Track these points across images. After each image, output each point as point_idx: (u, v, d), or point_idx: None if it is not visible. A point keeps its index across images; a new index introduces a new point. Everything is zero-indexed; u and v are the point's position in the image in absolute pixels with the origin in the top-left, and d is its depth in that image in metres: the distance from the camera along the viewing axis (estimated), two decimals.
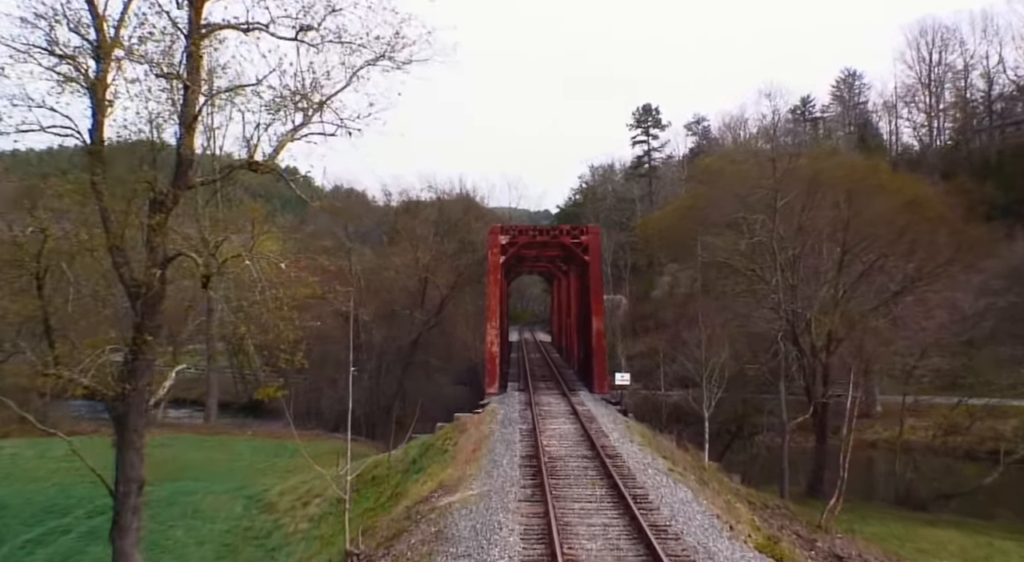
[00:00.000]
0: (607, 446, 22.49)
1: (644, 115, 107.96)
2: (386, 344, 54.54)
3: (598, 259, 40.60)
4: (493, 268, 40.19)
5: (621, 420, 30.38)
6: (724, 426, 41.71)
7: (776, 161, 35.07)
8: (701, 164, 71.69)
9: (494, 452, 22.97)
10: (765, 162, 36.62)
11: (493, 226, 42.49)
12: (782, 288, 33.94)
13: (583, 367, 44.83)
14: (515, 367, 50.09)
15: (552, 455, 21.08)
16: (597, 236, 40.83)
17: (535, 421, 26.50)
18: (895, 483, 37.23)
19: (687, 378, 55.87)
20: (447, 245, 56.24)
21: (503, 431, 26.26)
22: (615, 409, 33.45)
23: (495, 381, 37.80)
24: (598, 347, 38.32)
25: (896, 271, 36.41)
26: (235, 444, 46.63)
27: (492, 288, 39.87)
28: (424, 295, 55.62)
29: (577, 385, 40.33)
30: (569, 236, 40.46)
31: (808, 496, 37.19)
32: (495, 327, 39.15)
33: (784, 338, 33.58)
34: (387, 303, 55.38)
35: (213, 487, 34.83)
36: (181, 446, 46.24)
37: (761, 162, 38.77)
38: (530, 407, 30.51)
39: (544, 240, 40.90)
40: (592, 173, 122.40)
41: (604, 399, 35.34)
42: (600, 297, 39.80)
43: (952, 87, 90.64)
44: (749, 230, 35.32)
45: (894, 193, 35.82)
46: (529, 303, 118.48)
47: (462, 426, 30.78)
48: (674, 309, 71.94)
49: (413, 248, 55.20)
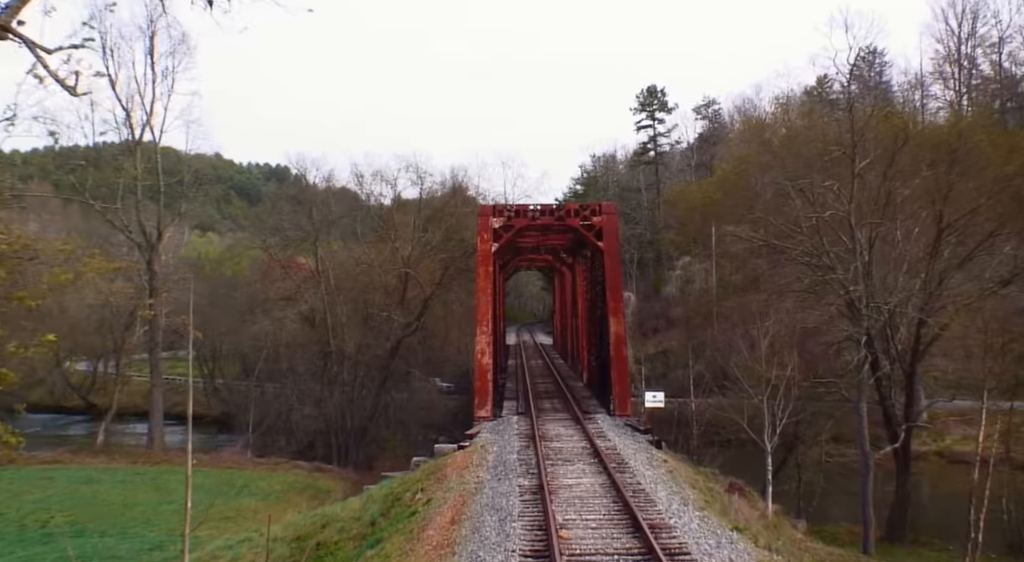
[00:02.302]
0: (659, 525, 14.22)
1: (649, 97, 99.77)
2: (360, 352, 46.21)
3: (616, 245, 32.36)
4: (483, 258, 31.93)
5: (658, 459, 22.13)
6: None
7: (855, 109, 26.67)
8: (752, 123, 62.65)
9: (480, 532, 14.72)
10: (838, 117, 28.37)
11: (483, 206, 34.30)
12: (862, 277, 25.68)
13: (596, 379, 36.58)
14: (513, 379, 41.81)
15: (575, 551, 12.77)
16: (614, 217, 32.57)
17: (542, 471, 18.24)
18: (1000, 522, 28.88)
19: (700, 383, 48.13)
20: (431, 234, 47.90)
21: (495, 488, 17.97)
22: (644, 438, 25.24)
23: (487, 402, 29.52)
24: (617, 356, 30.06)
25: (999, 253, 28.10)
26: (173, 477, 38.26)
27: (482, 283, 31.59)
28: (404, 293, 47.32)
29: (591, 404, 32.07)
30: (578, 217, 32.18)
31: (889, 542, 29.07)
32: (486, 332, 30.87)
33: (868, 343, 25.29)
34: (360, 303, 47.04)
35: (115, 547, 26.51)
36: (109, 480, 38.02)
37: (825, 120, 30.53)
38: (533, 442, 22.28)
39: (547, 222, 32.60)
40: (594, 163, 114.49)
41: (628, 424, 27.10)
42: (619, 293, 31.57)
43: (985, 61, 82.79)
44: (813, 202, 27.01)
45: (1013, 151, 27.67)
46: (527, 302, 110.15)
47: (441, 470, 22.49)
48: (689, 306, 64.20)
49: (391, 239, 46.85)
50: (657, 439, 25.58)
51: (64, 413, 69.33)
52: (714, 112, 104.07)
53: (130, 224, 46.84)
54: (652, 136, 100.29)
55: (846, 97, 26.12)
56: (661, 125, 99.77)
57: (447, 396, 52.43)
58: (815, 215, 25.70)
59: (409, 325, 46.36)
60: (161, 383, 47.26)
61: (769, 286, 31.65)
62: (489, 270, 31.83)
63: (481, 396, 29.67)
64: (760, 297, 30.82)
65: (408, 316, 46.89)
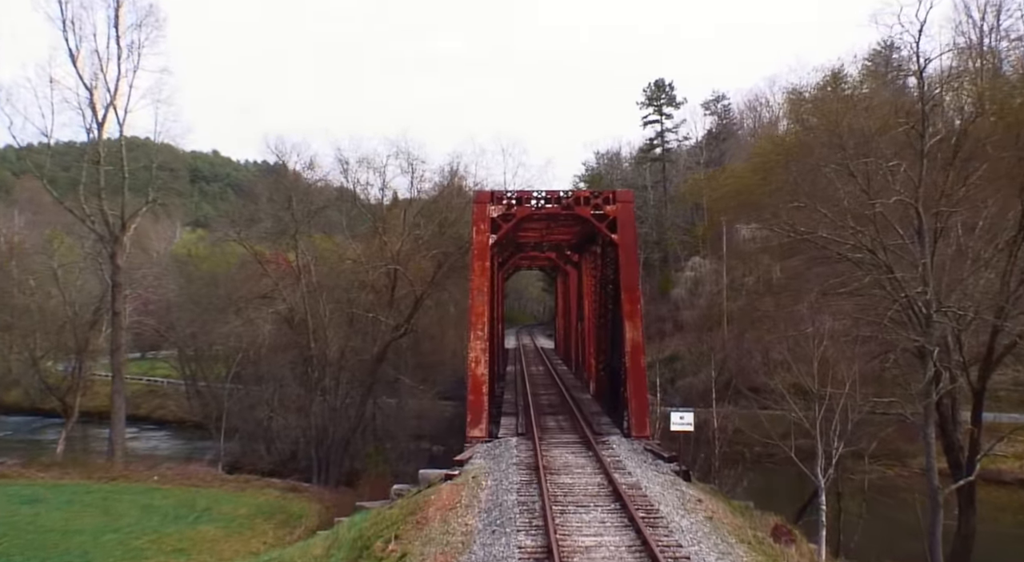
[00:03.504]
0: None
1: (657, 91, 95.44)
2: (344, 357, 41.83)
3: (632, 238, 28.07)
4: (480, 252, 27.61)
5: (691, 499, 17.84)
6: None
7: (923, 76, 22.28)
8: (796, 99, 57.77)
9: None
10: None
11: (479, 192, 29.95)
12: (931, 276, 21.40)
13: (606, 391, 32.28)
14: (512, 389, 37.53)
15: None
16: (630, 206, 28.22)
17: (549, 523, 13.93)
18: None
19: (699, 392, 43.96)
20: (424, 229, 43.51)
21: (488, 548, 13.63)
22: (668, 468, 20.94)
23: (481, 419, 25.19)
24: (634, 367, 25.72)
25: None
26: (126, 496, 33.89)
27: (478, 280, 27.27)
28: (393, 293, 42.93)
29: (602, 423, 27.70)
30: (589, 205, 27.87)
31: None
32: (482, 337, 26.55)
33: (940, 355, 20.98)
34: (345, 303, 42.63)
35: None
36: (54, 500, 33.61)
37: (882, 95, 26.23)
38: (537, 476, 17.97)
39: (554, 211, 28.26)
40: (598, 160, 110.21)
41: (648, 449, 22.77)
42: (636, 293, 27.22)
43: (1011, 56, 78.54)
44: (869, 187, 22.65)
45: None
46: (527, 304, 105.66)
47: (422, 509, 18.14)
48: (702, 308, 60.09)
49: (379, 232, 42.45)
50: (684, 469, 21.27)
51: (40, 416, 65.31)
52: (724, 107, 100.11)
53: (93, 213, 42.53)
54: (659, 132, 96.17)
55: (915, 60, 21.70)
56: (669, 121, 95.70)
57: (442, 402, 48.08)
58: (875, 202, 21.26)
59: (398, 327, 41.99)
60: (123, 388, 42.86)
61: (813, 287, 27.21)
62: (486, 265, 27.51)
63: (475, 412, 25.34)
64: (808, 298, 26.35)
65: (397, 317, 42.53)
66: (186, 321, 53.60)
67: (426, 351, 50.94)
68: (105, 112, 41.90)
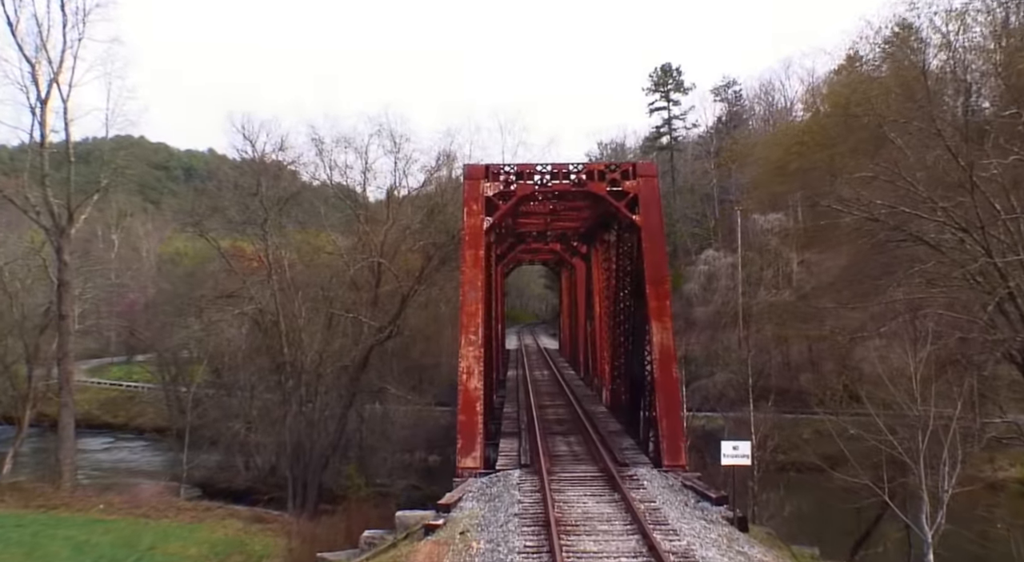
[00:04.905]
0: None
1: (664, 76, 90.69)
2: (322, 364, 36.77)
3: (658, 220, 23.08)
4: (472, 238, 22.57)
5: None
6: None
7: None
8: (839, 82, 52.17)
9: None
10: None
11: (471, 166, 24.91)
12: None
13: (625, 403, 27.24)
14: (513, 400, 32.54)
15: None
16: (653, 181, 23.19)
17: None
18: None
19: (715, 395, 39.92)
20: (411, 217, 38.43)
21: None
22: (716, 513, 15.91)
23: (474, 446, 20.12)
24: (664, 379, 20.69)
25: None
26: (61, 531, 28.77)
27: (470, 272, 22.23)
28: (377, 290, 37.86)
29: (624, 447, 22.62)
30: (605, 180, 22.82)
31: None
32: (475, 342, 21.52)
33: None
34: (322, 302, 37.53)
35: None
36: None
37: None
38: (548, 538, 12.93)
39: (564, 187, 23.15)
40: (601, 150, 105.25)
41: (688, 486, 17.73)
42: (664, 287, 22.23)
43: None
44: (967, 148, 17.67)
45: None
46: (529, 301, 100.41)
47: None
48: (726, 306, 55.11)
49: (359, 222, 37.36)
50: (740, 515, 16.22)
51: (11, 425, 60.56)
52: (735, 93, 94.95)
53: (38, 204, 37.55)
54: (667, 119, 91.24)
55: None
56: (676, 107, 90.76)
57: (438, 408, 43.09)
58: (991, 162, 16.19)
59: (383, 329, 36.91)
60: (71, 401, 37.74)
61: (885, 281, 22.06)
62: (480, 254, 22.44)
63: (467, 437, 20.27)
64: (892, 293, 21.17)
65: (382, 318, 37.46)
66: (157, 324, 48.87)
67: (418, 354, 46.00)
68: (48, 88, 36.93)
